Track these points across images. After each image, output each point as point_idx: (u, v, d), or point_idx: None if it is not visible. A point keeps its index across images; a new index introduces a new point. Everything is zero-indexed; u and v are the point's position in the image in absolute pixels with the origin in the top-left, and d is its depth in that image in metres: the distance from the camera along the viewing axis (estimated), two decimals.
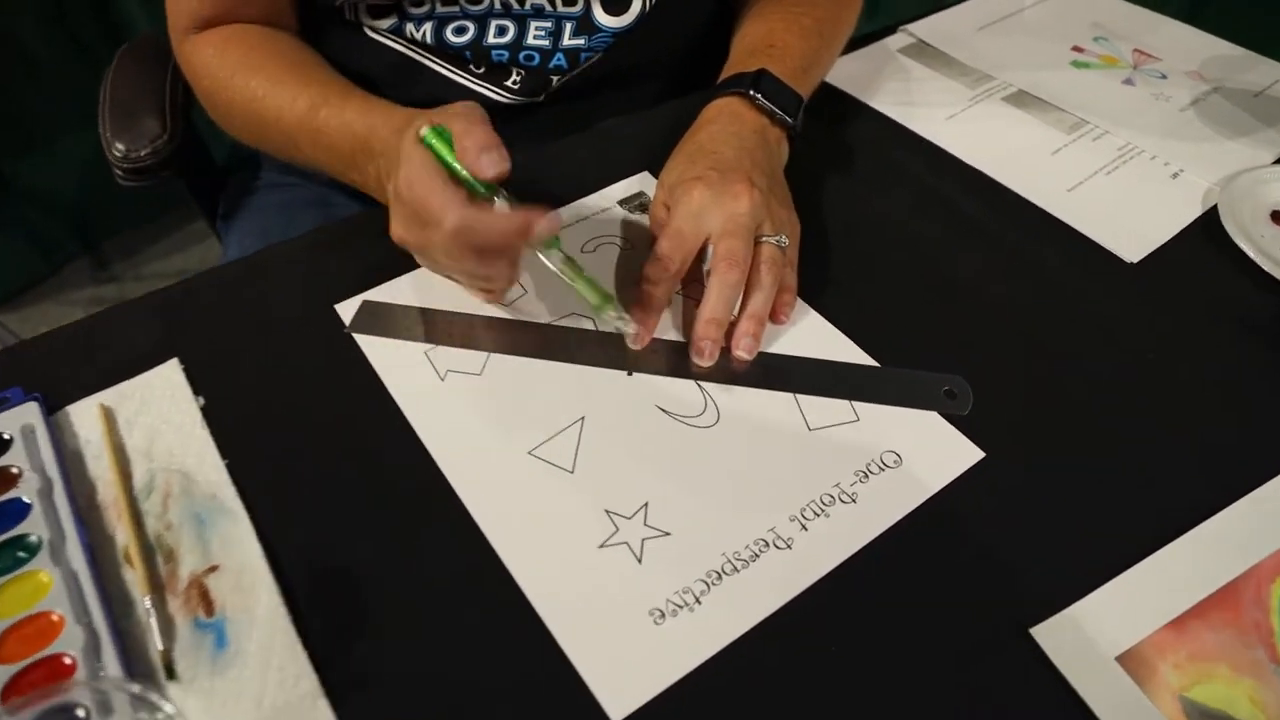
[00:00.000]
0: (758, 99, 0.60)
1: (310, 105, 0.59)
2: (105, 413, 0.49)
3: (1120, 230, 0.59)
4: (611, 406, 0.50)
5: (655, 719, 0.38)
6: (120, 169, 0.75)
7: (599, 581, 0.43)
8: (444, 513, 0.45)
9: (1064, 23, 0.80)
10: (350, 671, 0.40)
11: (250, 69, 0.62)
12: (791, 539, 0.44)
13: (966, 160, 0.65)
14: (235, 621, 0.41)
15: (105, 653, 0.39)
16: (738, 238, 0.52)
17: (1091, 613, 0.42)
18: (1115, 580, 0.43)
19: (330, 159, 0.59)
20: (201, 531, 0.45)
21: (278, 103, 0.60)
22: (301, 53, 0.65)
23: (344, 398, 0.51)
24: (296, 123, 0.59)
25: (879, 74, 0.74)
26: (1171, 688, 0.39)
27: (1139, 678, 0.40)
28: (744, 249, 0.52)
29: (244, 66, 0.63)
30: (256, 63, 0.63)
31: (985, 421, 0.49)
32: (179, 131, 0.77)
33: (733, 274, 0.51)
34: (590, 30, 0.68)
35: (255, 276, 0.59)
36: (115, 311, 0.56)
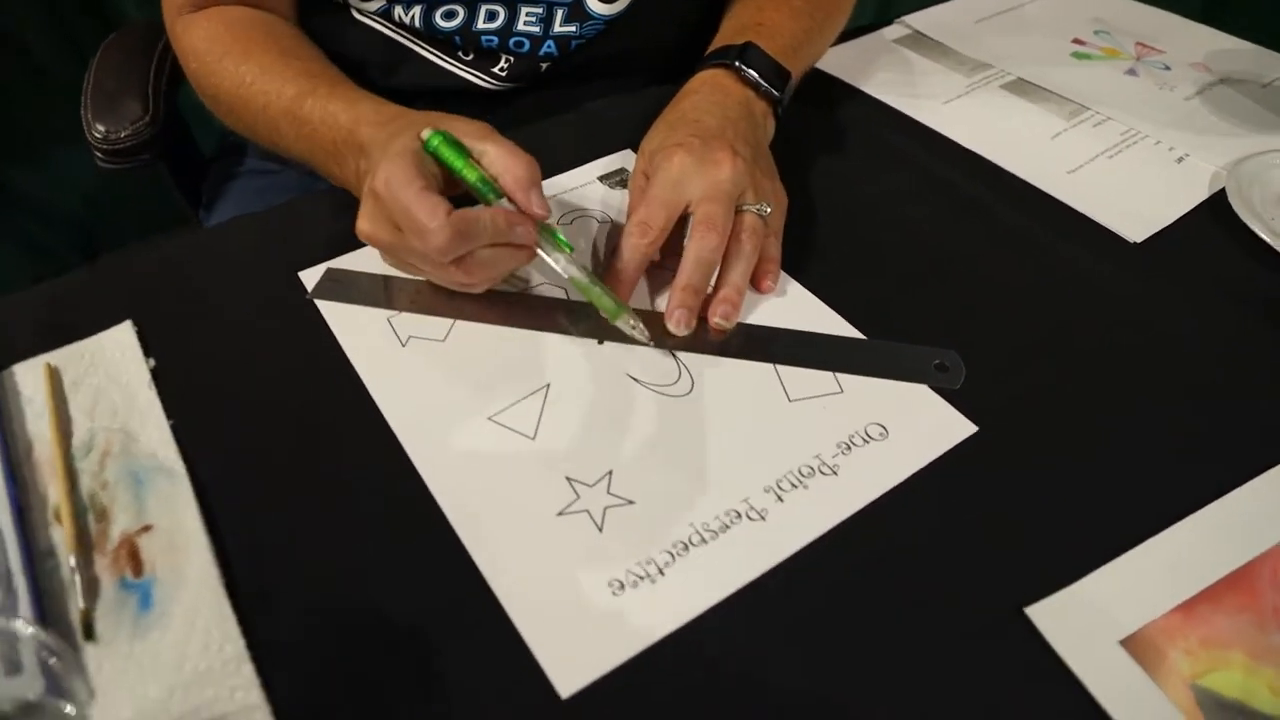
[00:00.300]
0: (744, 71, 0.58)
1: (297, 93, 0.56)
2: (50, 372, 0.47)
3: (1123, 211, 0.57)
4: (579, 374, 0.48)
5: (606, 699, 0.35)
6: (100, 150, 0.73)
7: (555, 550, 0.40)
8: (394, 478, 0.43)
9: (1064, 17, 0.78)
10: (280, 638, 0.37)
11: (241, 54, 0.60)
12: (766, 510, 0.41)
13: (962, 143, 0.63)
14: (163, 583, 0.39)
15: (21, 611, 0.37)
16: (718, 203, 0.50)
17: (1092, 593, 0.38)
18: (1117, 560, 0.39)
19: (312, 150, 0.57)
20: (138, 491, 0.42)
21: (265, 89, 0.58)
22: (294, 40, 0.63)
23: (300, 362, 0.48)
24: (282, 111, 0.57)
25: (874, 62, 0.72)
26: (1183, 675, 0.36)
27: (1146, 664, 0.36)
28: (724, 215, 0.50)
29: (234, 50, 0.61)
30: (247, 48, 0.61)
31: (979, 396, 0.46)
32: (161, 115, 0.75)
33: (711, 238, 0.49)
34: (582, 18, 0.66)
35: (220, 244, 0.57)
36: (73, 277, 0.54)
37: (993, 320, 0.51)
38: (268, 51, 0.60)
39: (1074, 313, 0.51)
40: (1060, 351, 0.49)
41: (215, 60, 0.61)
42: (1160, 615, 0.37)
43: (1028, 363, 0.48)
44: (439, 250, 0.44)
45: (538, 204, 0.47)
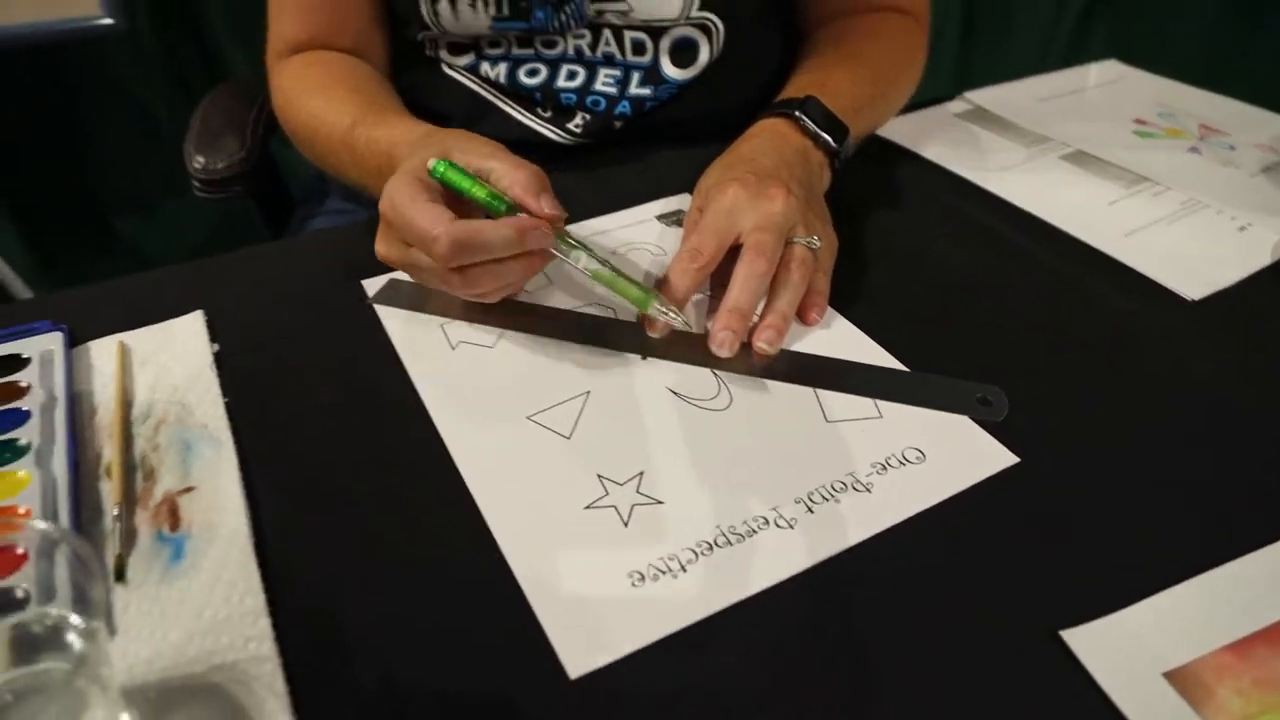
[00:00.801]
0: (803, 120, 0.60)
1: (352, 122, 0.60)
2: (121, 347, 0.50)
3: (1181, 270, 0.56)
4: (619, 384, 0.48)
5: (616, 683, 0.34)
6: (198, 180, 0.79)
7: (578, 539, 0.40)
8: (428, 463, 0.44)
9: (1127, 100, 0.79)
10: (300, 601, 0.37)
11: (317, 89, 0.66)
12: (795, 519, 0.41)
13: (1017, 204, 0.64)
14: (196, 539, 0.40)
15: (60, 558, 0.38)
16: (769, 232, 0.51)
17: (1134, 624, 0.36)
18: (1163, 593, 0.37)
19: (361, 175, 0.60)
20: (186, 456, 0.44)
21: (328, 120, 0.63)
22: (366, 78, 0.68)
23: (352, 356, 0.50)
24: (339, 139, 0.61)
25: (933, 131, 0.74)
26: (1233, 714, 0.33)
27: (1192, 699, 0.34)
28: (774, 243, 0.51)
29: (312, 86, 0.66)
30: (324, 83, 0.66)
31: (1022, 431, 0.45)
32: (255, 154, 0.81)
33: (760, 263, 0.50)
34: (657, 81, 0.70)
35: (292, 253, 0.60)
36: (154, 273, 0.57)
37: (1040, 362, 0.50)
38: (339, 86, 0.66)
39: (1125, 360, 0.50)
40: (1110, 394, 0.48)
41: (295, 95, 0.67)
42: (1209, 652, 0.35)
43: (1074, 404, 0.47)
44: (442, 257, 0.45)
45: (548, 205, 0.47)
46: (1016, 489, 0.42)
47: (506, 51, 0.70)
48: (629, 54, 0.69)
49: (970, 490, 0.42)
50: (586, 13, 0.67)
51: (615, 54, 0.69)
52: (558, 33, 0.68)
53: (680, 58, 0.69)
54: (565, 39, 0.69)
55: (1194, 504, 0.42)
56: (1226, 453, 0.44)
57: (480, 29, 0.68)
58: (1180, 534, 0.40)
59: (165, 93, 1.36)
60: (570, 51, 0.70)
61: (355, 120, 0.60)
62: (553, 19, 0.66)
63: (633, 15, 0.67)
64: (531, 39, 0.69)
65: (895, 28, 0.73)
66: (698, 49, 0.69)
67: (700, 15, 0.67)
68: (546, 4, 0.66)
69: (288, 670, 0.35)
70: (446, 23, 0.67)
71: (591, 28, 0.68)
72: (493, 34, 0.69)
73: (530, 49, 0.70)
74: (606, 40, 0.69)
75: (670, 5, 0.66)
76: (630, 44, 0.69)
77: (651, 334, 0.51)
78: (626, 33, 0.68)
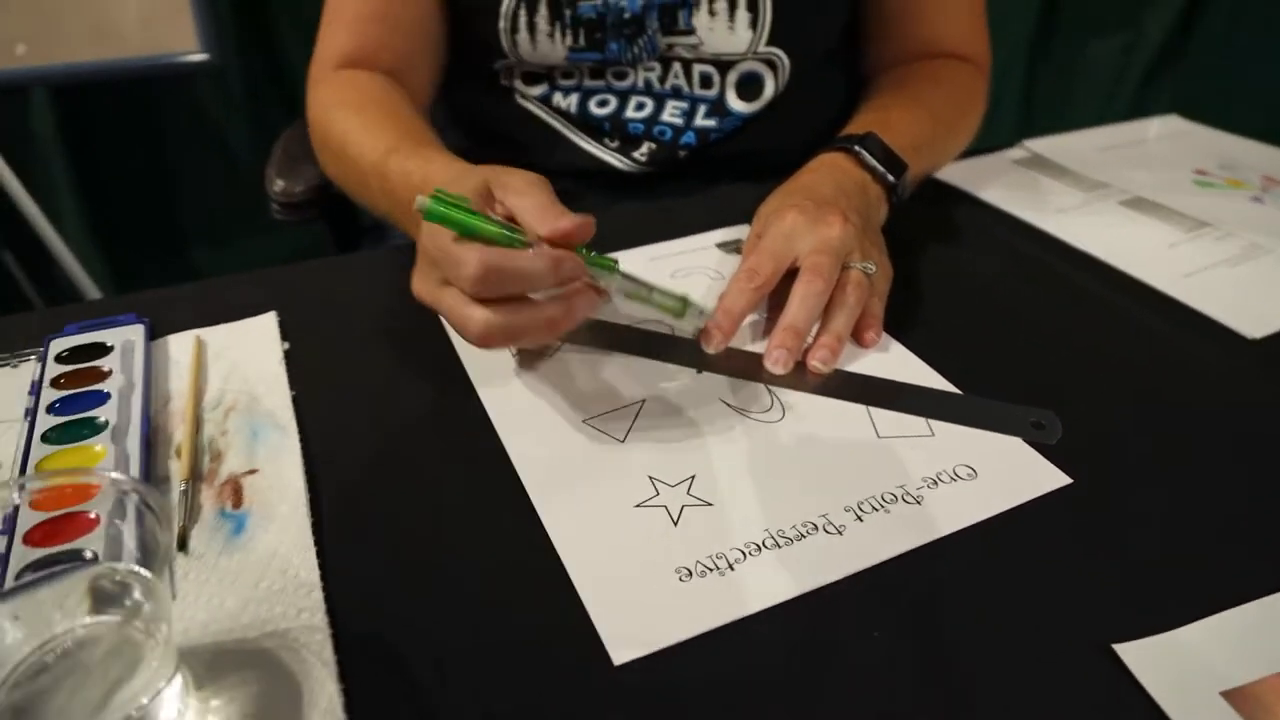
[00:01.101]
0: (862, 155, 0.61)
1: (386, 150, 0.58)
2: (198, 341, 0.52)
3: (1241, 310, 0.55)
4: (674, 395, 0.49)
5: (658, 673, 0.34)
6: (277, 202, 0.83)
7: (628, 535, 0.40)
8: (485, 459, 0.45)
9: (1188, 152, 0.79)
10: (353, 580, 0.38)
11: (353, 108, 0.65)
12: (844, 526, 0.40)
13: (1074, 244, 0.64)
14: (257, 516, 0.41)
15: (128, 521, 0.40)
16: (826, 255, 0.52)
17: (1190, 641, 0.35)
18: (1222, 614, 0.36)
19: (391, 205, 0.59)
20: (252, 441, 0.46)
21: (360, 142, 0.61)
22: (402, 105, 0.66)
23: (417, 360, 0.52)
24: (370, 166, 0.59)
25: (991, 175, 0.74)
26: None
27: (1252, 718, 0.33)
28: (831, 266, 0.52)
29: (349, 104, 0.65)
30: (361, 104, 0.65)
31: (1076, 454, 0.44)
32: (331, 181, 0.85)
33: (817, 283, 0.51)
34: (722, 113, 0.73)
35: (363, 267, 0.62)
36: (232, 277, 0.60)
37: (1094, 390, 0.50)
38: (377, 109, 0.64)
39: (1181, 391, 0.49)
40: (1166, 424, 0.47)
41: (328, 110, 0.66)
42: (1271, 674, 0.34)
43: (1130, 431, 0.47)
44: (469, 279, 0.41)
45: (565, 221, 0.42)
46: (1069, 508, 0.42)
47: (579, 82, 0.73)
48: (696, 87, 0.72)
49: (1021, 507, 0.42)
50: (659, 46, 0.69)
51: (683, 87, 0.72)
52: (630, 65, 0.71)
53: (746, 91, 0.72)
54: (636, 71, 0.72)
55: (1251, 533, 0.41)
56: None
57: (556, 59, 0.71)
58: (1236, 561, 0.39)
59: (245, 124, 1.44)
60: (640, 84, 0.72)
61: (390, 148, 0.58)
62: (626, 51, 0.69)
63: (702, 49, 0.69)
64: (604, 70, 0.72)
65: (957, 73, 0.74)
66: (763, 83, 0.72)
67: (767, 50, 0.70)
68: (621, 36, 0.69)
69: (336, 641, 0.35)
70: (524, 52, 0.71)
71: (662, 60, 0.71)
72: (567, 64, 0.72)
73: (602, 80, 0.73)
74: (675, 73, 0.71)
75: (739, 40, 0.69)
76: (698, 77, 0.71)
77: (707, 349, 0.51)
78: (695, 66, 0.71)
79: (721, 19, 0.69)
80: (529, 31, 0.70)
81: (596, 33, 0.69)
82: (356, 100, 0.66)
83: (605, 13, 0.69)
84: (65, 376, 0.49)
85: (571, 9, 0.68)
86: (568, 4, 0.68)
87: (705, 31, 0.69)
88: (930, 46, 0.76)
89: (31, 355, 0.51)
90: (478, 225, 0.42)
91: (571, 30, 0.69)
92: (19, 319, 0.55)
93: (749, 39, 0.69)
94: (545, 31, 0.69)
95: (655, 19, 0.69)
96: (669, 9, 0.69)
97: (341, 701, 0.33)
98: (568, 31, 0.69)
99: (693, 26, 0.69)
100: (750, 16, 0.69)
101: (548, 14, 0.69)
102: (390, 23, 0.71)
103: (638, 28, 0.69)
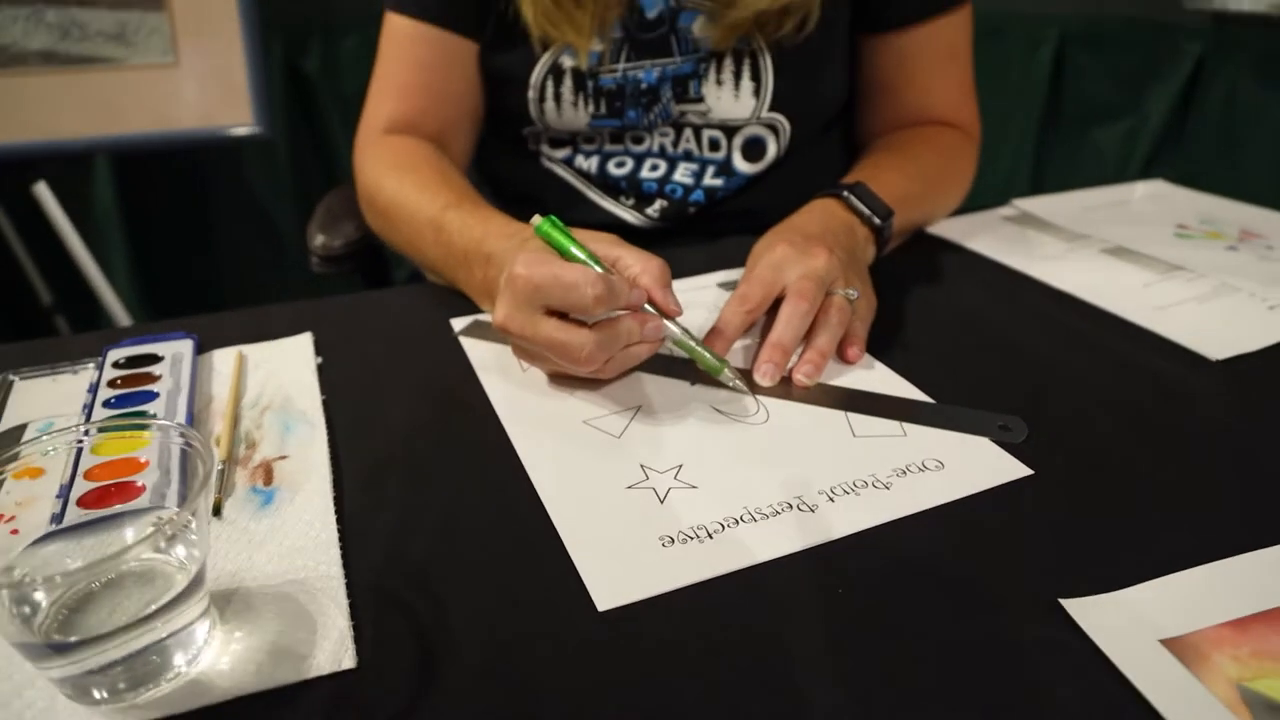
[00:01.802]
0: (849, 199, 0.67)
1: (444, 205, 0.65)
2: (239, 355, 0.58)
3: (1206, 335, 0.58)
4: (668, 401, 0.53)
5: (638, 620, 0.38)
6: (317, 256, 0.90)
7: (617, 509, 0.44)
8: (493, 448, 0.49)
9: (1171, 210, 0.83)
10: (369, 542, 0.42)
11: (407, 169, 0.72)
12: (816, 506, 0.44)
13: (1052, 284, 0.68)
14: (284, 490, 0.46)
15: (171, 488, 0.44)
16: (810, 280, 0.57)
17: (1132, 600, 0.38)
18: (1162, 578, 0.39)
19: (445, 255, 0.64)
20: (284, 433, 0.50)
21: (417, 199, 0.68)
22: (451, 170, 0.73)
23: (437, 374, 0.57)
24: (427, 219, 0.65)
25: (980, 229, 0.79)
26: (1229, 676, 0.34)
27: (1187, 662, 0.35)
28: (815, 290, 0.56)
29: (402, 166, 0.73)
30: (415, 165, 0.72)
31: (1039, 451, 0.48)
32: (370, 239, 0.92)
33: (801, 305, 0.55)
34: (729, 173, 0.79)
35: (395, 298, 0.68)
36: (273, 306, 0.66)
37: (1062, 401, 0.53)
38: (429, 170, 0.71)
39: (1145, 401, 0.53)
40: (1126, 426, 0.50)
41: (380, 169, 0.73)
42: (1207, 626, 0.36)
43: (1092, 433, 0.50)
44: (593, 298, 0.47)
45: (673, 301, 0.52)
46: (1029, 494, 0.45)
47: (600, 146, 0.81)
48: (706, 150, 0.79)
49: (984, 492, 0.45)
50: (672, 113, 0.77)
51: (694, 150, 0.79)
52: (646, 130, 0.78)
53: (750, 153, 0.79)
54: (652, 136, 0.79)
55: (1198, 512, 0.43)
56: (1231, 474, 0.46)
57: (579, 126, 0.78)
58: (1181, 534, 0.42)
59: (288, 190, 1.57)
60: (655, 148, 0.80)
61: (448, 204, 0.65)
62: (643, 118, 0.77)
63: (711, 115, 0.77)
64: (623, 135, 0.80)
65: (947, 137, 0.81)
66: (766, 146, 0.79)
67: (769, 116, 0.77)
68: (638, 105, 0.77)
69: (350, 589, 0.39)
70: (550, 119, 0.78)
71: (675, 126, 0.78)
72: (589, 130, 0.79)
73: (620, 144, 0.80)
74: (687, 137, 0.79)
75: (743, 106, 0.76)
76: (707, 141, 0.79)
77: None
78: (704, 131, 0.78)
79: (728, 88, 0.76)
80: (555, 101, 0.77)
81: (616, 102, 0.77)
82: (409, 162, 0.73)
83: (624, 84, 0.76)
84: (120, 379, 0.54)
85: (594, 80, 0.76)
86: (590, 76, 0.76)
87: (713, 100, 0.76)
88: (922, 113, 0.82)
89: (90, 363, 0.57)
90: (580, 249, 0.50)
91: (594, 100, 0.77)
92: (82, 338, 0.61)
93: (753, 106, 0.76)
94: (570, 101, 0.77)
95: (669, 90, 0.76)
96: (681, 80, 0.76)
97: (351, 635, 0.37)
98: (590, 101, 0.77)
99: (702, 95, 0.77)
100: (754, 85, 0.76)
101: (572, 85, 0.76)
102: (434, 93, 0.78)
103: (653, 97, 0.77)
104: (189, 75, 1.23)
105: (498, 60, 0.78)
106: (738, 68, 0.76)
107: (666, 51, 0.76)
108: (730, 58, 0.76)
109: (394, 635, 0.37)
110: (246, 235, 1.63)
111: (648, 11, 0.75)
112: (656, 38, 0.76)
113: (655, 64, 0.76)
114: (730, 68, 0.76)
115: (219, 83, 1.24)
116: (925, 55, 0.80)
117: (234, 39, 1.25)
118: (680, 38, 0.76)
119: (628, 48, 0.76)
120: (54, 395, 0.54)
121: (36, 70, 1.21)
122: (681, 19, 0.75)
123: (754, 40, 0.75)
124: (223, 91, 1.24)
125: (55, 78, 1.22)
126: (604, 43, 0.76)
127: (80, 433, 0.40)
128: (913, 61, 0.81)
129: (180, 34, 1.24)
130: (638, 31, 0.76)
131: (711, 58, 0.76)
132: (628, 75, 0.76)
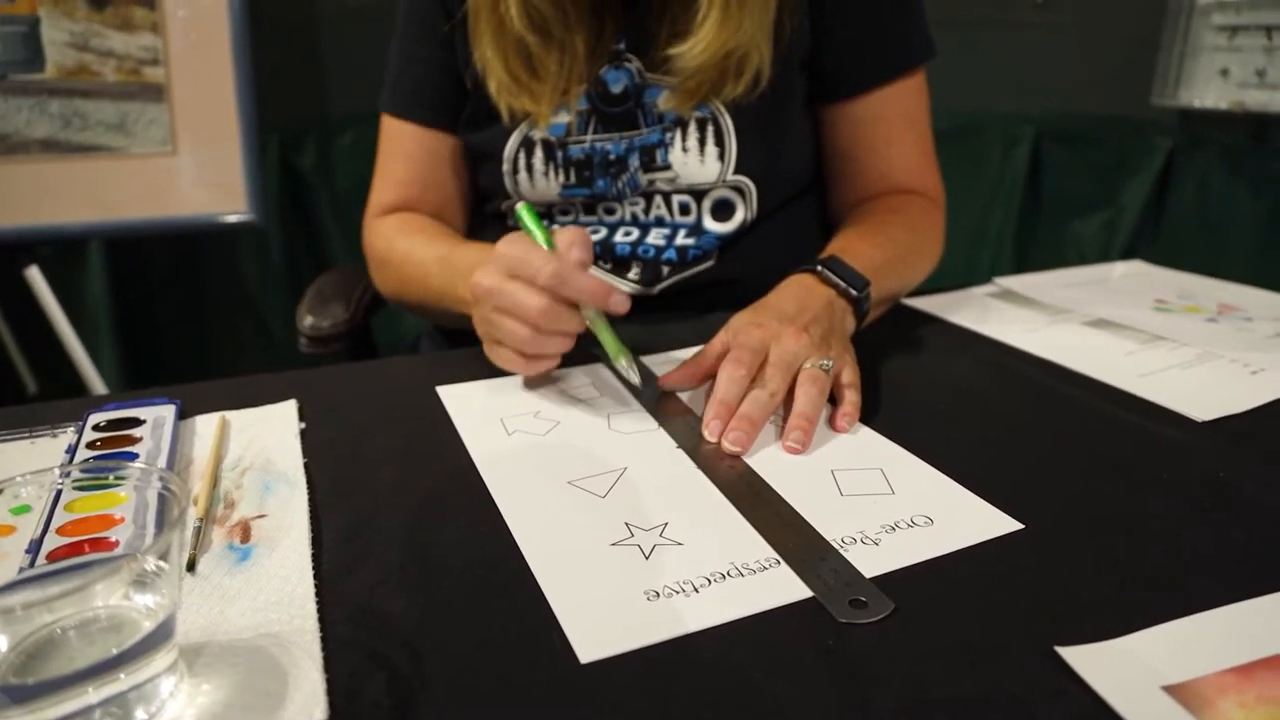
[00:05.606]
0: (825, 273, 0.68)
1: (451, 247, 0.77)
2: (222, 420, 0.58)
3: (1191, 398, 0.59)
4: (654, 463, 0.53)
5: (623, 673, 0.36)
6: (305, 336, 0.91)
7: (601, 564, 0.43)
8: (476, 508, 0.48)
9: (1150, 287, 0.85)
10: (346, 599, 0.41)
11: (415, 231, 0.82)
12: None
13: (1037, 353, 0.69)
14: (261, 548, 0.45)
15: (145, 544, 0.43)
16: (778, 368, 0.58)
17: (1131, 648, 0.37)
18: (1161, 626, 0.38)
19: (449, 275, 0.73)
20: (264, 493, 0.50)
21: (425, 247, 0.79)
22: (452, 232, 0.85)
23: (420, 439, 0.57)
24: (436, 257, 0.76)
25: (963, 305, 0.80)
26: None
27: (1192, 708, 0.34)
28: (752, 356, 0.58)
29: (408, 230, 0.83)
30: (421, 228, 0.83)
31: (1028, 505, 0.47)
32: (358, 321, 0.93)
33: (738, 369, 0.57)
34: (699, 233, 0.81)
35: (375, 369, 0.68)
36: (258, 375, 0.66)
37: (1050, 458, 0.53)
38: (436, 230, 0.83)
39: (1132, 458, 0.52)
40: (1114, 481, 0.50)
41: (391, 234, 0.84)
42: (1211, 672, 0.35)
43: (1081, 489, 0.49)
44: (550, 275, 0.56)
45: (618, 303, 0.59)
46: (1021, 548, 0.44)
47: (575, 218, 0.83)
48: (677, 214, 0.81)
49: (976, 546, 0.44)
50: (640, 183, 0.79)
51: (665, 215, 0.82)
52: (616, 199, 0.81)
53: (720, 214, 0.81)
54: (623, 205, 0.81)
55: (1193, 562, 0.43)
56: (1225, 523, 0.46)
57: (551, 195, 0.81)
58: (1179, 584, 0.41)
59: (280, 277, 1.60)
60: (628, 217, 0.82)
61: (455, 246, 0.77)
62: (611, 186, 0.80)
63: (679, 181, 0.79)
64: (595, 206, 0.82)
65: (911, 204, 0.83)
66: (735, 207, 0.81)
67: (735, 179, 0.80)
68: (606, 174, 0.80)
69: (325, 642, 0.38)
70: (524, 190, 0.81)
71: (645, 195, 0.81)
72: (562, 201, 0.82)
73: (594, 215, 0.82)
74: (658, 204, 0.81)
75: (709, 170, 0.79)
76: (678, 205, 0.81)
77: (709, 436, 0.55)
78: (674, 196, 0.81)
79: (694, 154, 0.79)
80: (528, 172, 0.81)
81: (585, 171, 0.80)
82: (416, 226, 0.83)
83: (592, 154, 0.79)
84: (99, 441, 0.53)
85: (563, 150, 0.80)
86: (560, 147, 0.80)
87: (680, 165, 0.79)
88: (885, 182, 0.85)
89: (70, 427, 0.56)
90: (546, 236, 0.61)
91: (563, 169, 0.80)
92: (64, 403, 0.61)
93: (718, 169, 0.79)
94: (541, 171, 0.80)
95: (637, 159, 0.79)
96: (649, 149, 0.79)
97: (324, 687, 0.35)
98: (560, 171, 0.80)
99: (669, 163, 0.79)
100: (718, 150, 0.79)
101: (543, 156, 0.80)
102: (424, 182, 0.87)
103: (621, 166, 0.79)
104: (186, 164, 1.27)
105: (475, 139, 0.84)
106: (702, 134, 0.79)
107: (633, 124, 0.80)
108: (694, 125, 0.79)
109: (369, 687, 0.36)
110: (235, 321, 1.65)
111: (612, 86, 0.79)
112: (623, 112, 0.79)
113: (623, 136, 0.79)
114: (695, 134, 0.79)
115: (215, 173, 1.28)
116: (882, 123, 0.84)
117: (232, 133, 1.29)
118: (646, 111, 0.79)
119: (595, 120, 0.80)
120: (31, 457, 0.53)
121: (37, 158, 1.25)
122: (647, 95, 0.79)
123: (711, 104, 0.78)
124: (218, 181, 1.28)
125: (55, 164, 1.25)
126: (569, 114, 0.79)
127: (57, 476, 0.39)
128: (870, 130, 0.84)
129: (179, 125, 1.28)
130: (604, 105, 0.79)
131: (676, 126, 0.79)
132: (595, 146, 0.79)
